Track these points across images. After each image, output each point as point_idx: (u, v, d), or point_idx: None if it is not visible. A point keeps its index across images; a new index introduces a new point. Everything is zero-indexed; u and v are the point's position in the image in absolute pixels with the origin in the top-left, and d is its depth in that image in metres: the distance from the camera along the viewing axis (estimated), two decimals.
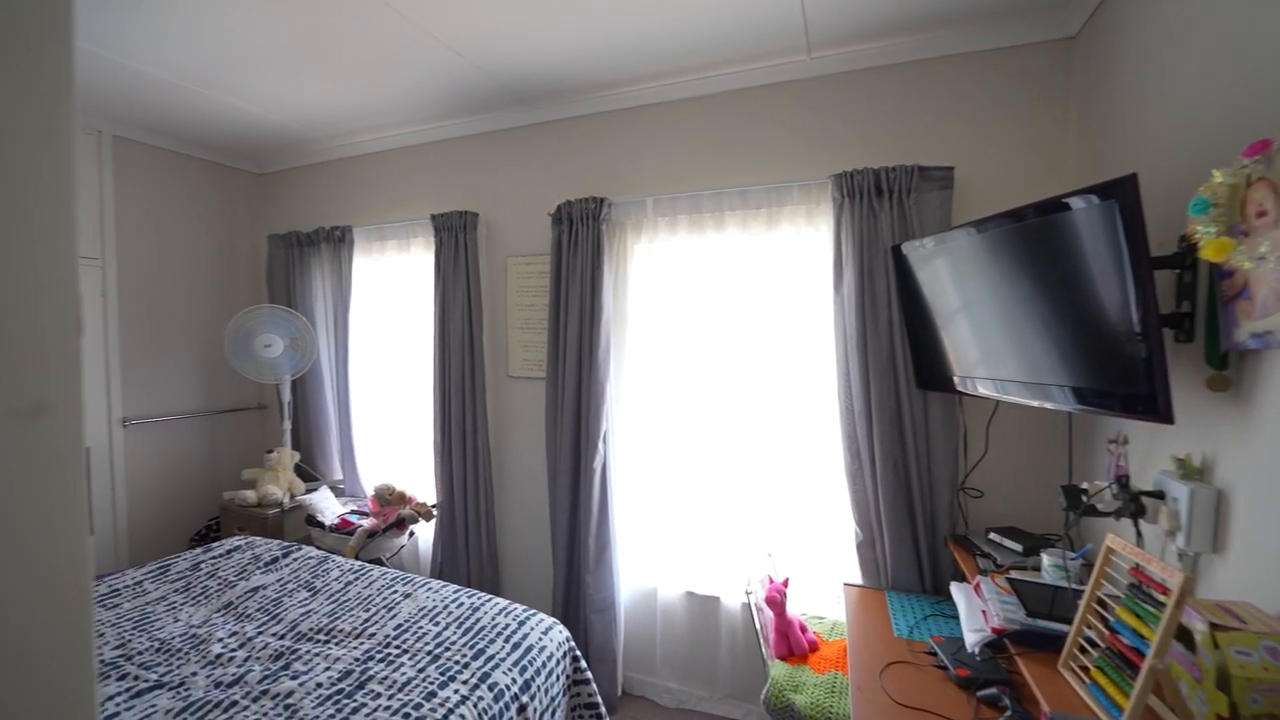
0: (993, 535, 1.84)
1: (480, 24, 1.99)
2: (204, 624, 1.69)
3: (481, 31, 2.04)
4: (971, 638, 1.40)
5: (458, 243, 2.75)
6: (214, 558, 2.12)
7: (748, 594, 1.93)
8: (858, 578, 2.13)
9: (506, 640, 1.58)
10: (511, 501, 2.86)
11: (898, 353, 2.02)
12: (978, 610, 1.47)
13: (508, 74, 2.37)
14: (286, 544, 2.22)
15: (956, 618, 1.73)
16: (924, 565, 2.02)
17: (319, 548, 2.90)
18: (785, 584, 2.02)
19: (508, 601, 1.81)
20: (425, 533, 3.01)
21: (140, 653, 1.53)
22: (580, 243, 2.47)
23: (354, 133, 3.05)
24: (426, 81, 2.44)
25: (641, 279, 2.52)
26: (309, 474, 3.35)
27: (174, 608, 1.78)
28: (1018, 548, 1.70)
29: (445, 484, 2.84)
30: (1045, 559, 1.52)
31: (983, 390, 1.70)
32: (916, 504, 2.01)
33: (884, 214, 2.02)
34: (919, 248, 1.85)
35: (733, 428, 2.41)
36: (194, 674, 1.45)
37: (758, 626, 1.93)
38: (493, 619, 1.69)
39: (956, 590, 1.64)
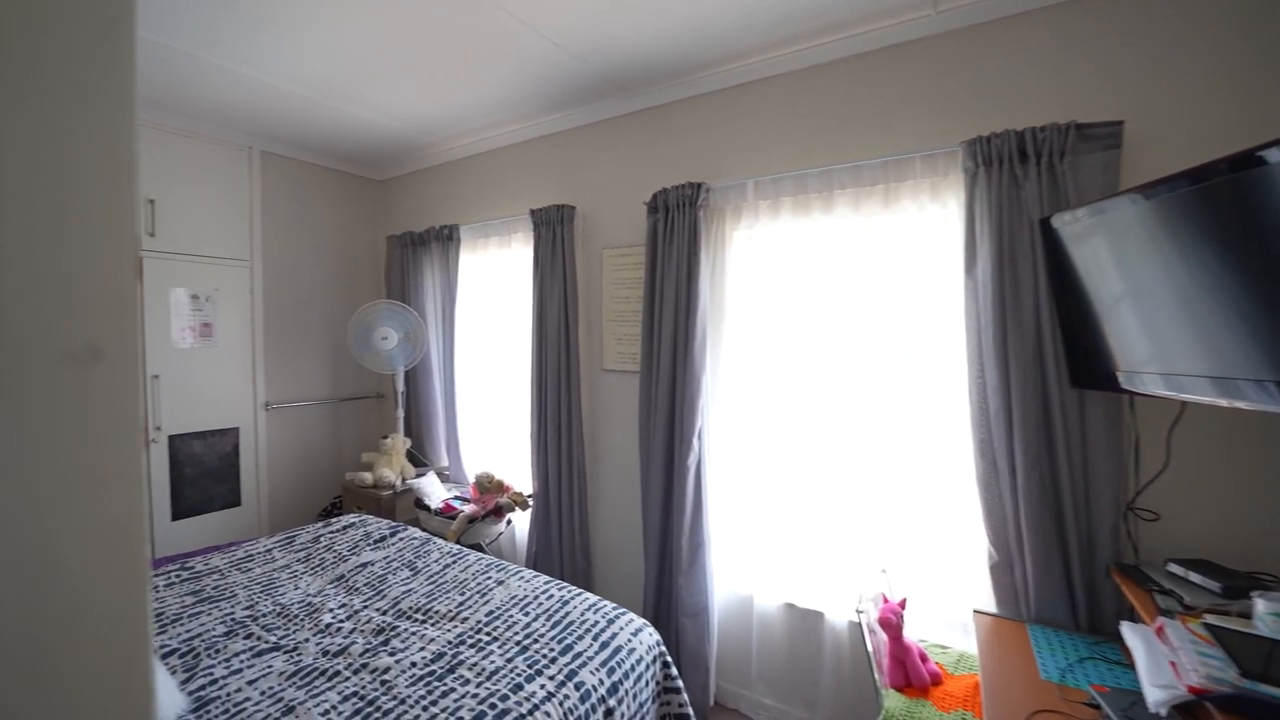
0: (1174, 568, 1.50)
1: (577, 10, 1.97)
2: (318, 594, 1.80)
3: (578, 17, 2.02)
4: (1156, 695, 1.12)
5: (555, 236, 2.77)
6: (331, 532, 2.28)
7: (859, 613, 1.73)
8: (991, 605, 1.84)
9: (595, 639, 1.53)
10: (604, 495, 2.83)
11: (1046, 345, 1.72)
12: (1163, 661, 1.18)
13: (604, 61, 2.33)
14: (394, 524, 2.34)
15: (1124, 664, 1.43)
16: (1077, 597, 1.70)
17: (424, 529, 3.05)
18: (902, 605, 1.79)
19: (597, 598, 1.76)
20: (522, 521, 3.07)
21: (264, 615, 1.65)
22: (676, 231, 2.38)
23: (460, 135, 3.18)
24: (526, 77, 2.47)
25: (740, 267, 2.38)
26: (419, 459, 3.55)
27: (295, 576, 1.92)
28: (1214, 586, 1.37)
29: (541, 475, 2.88)
30: (1260, 604, 1.19)
31: (1157, 389, 1.39)
32: (1069, 524, 1.70)
33: (1029, 183, 1.73)
34: (1074, 221, 1.56)
35: (842, 428, 2.20)
36: (306, 640, 1.53)
37: (869, 650, 1.72)
38: (581, 614, 1.64)
39: (1131, 632, 1.35)
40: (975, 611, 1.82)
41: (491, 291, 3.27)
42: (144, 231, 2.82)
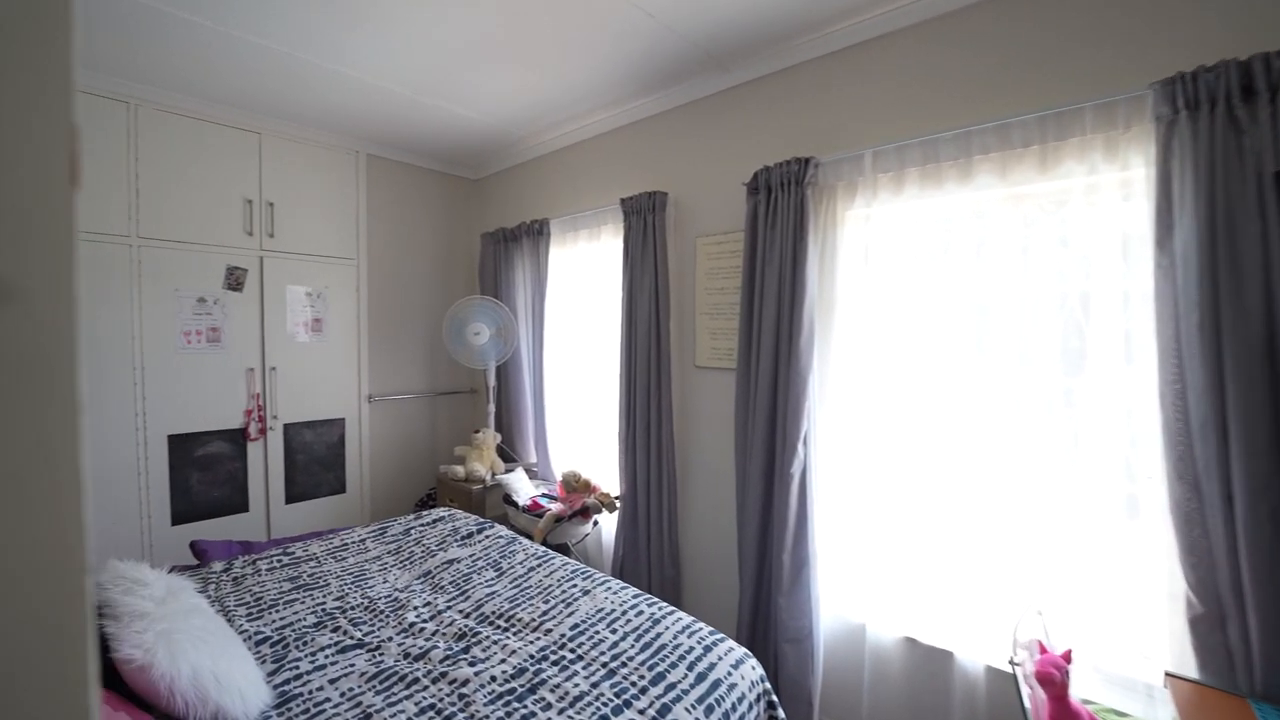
0: None
1: None
2: (405, 589, 1.76)
3: None
4: None
5: (646, 225, 2.63)
6: (422, 525, 2.27)
7: (1014, 664, 1.41)
8: (1190, 667, 1.45)
9: (690, 668, 1.34)
10: (695, 500, 2.64)
11: None
12: None
13: (700, 32, 2.15)
14: (481, 520, 2.29)
15: None
16: None
17: (512, 526, 3.03)
18: (1067, 658, 1.45)
19: (691, 619, 1.58)
20: (609, 523, 2.96)
21: (352, 608, 1.63)
22: (780, 213, 2.15)
23: (551, 127, 3.13)
24: (618, 56, 2.34)
25: (854, 251, 2.11)
26: (508, 455, 3.55)
27: (385, 568, 1.91)
28: None
29: (629, 476, 2.74)
30: None
31: None
32: None
33: (1258, 128, 1.34)
34: None
35: (981, 437, 1.86)
36: (389, 639, 1.47)
37: (1027, 708, 1.40)
38: (674, 637, 1.47)
39: None
40: (1169, 675, 1.43)
41: (580, 286, 3.19)
42: (264, 232, 3.01)
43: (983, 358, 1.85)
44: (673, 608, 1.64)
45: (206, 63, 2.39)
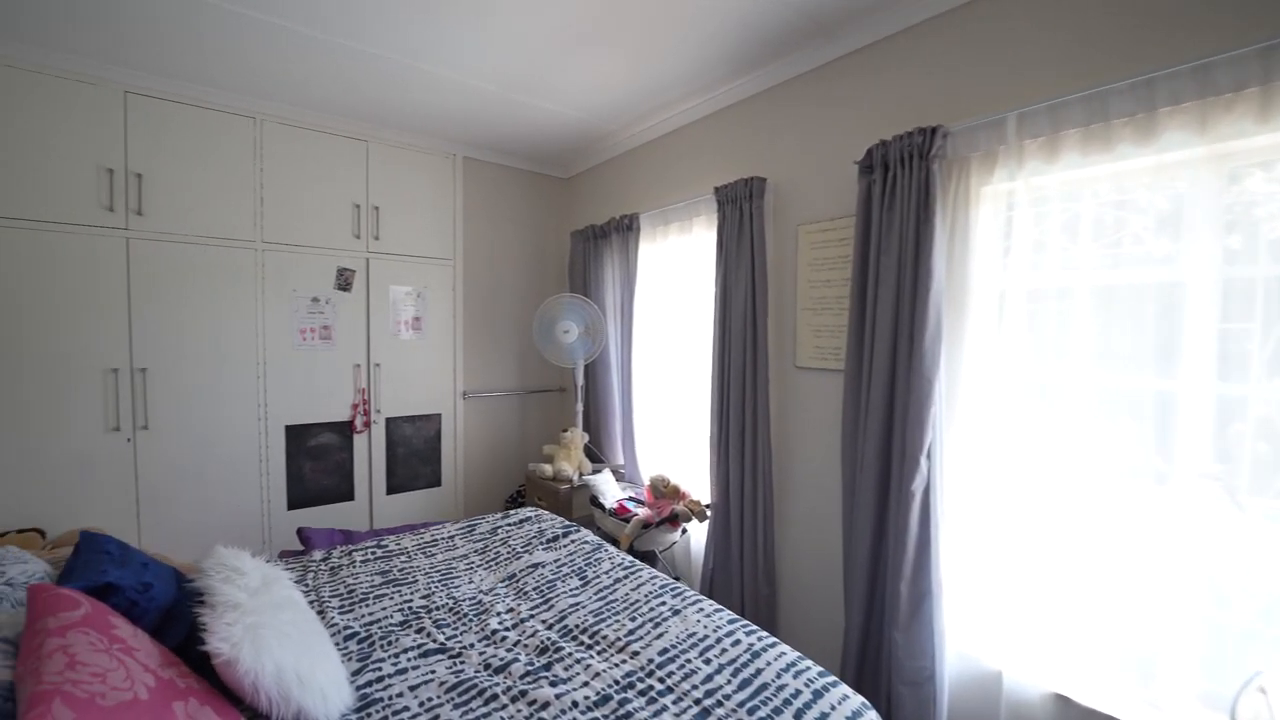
0: None
1: None
2: (490, 591, 1.71)
3: None
4: None
5: (741, 214, 2.44)
6: (509, 524, 2.23)
7: None
8: None
9: (797, 717, 1.15)
10: (795, 513, 2.41)
11: None
12: None
13: None
14: (568, 523, 2.21)
15: None
16: None
17: (599, 529, 2.95)
18: None
19: (796, 655, 1.37)
20: (699, 532, 2.79)
21: (438, 608, 1.59)
22: (900, 192, 1.88)
23: (642, 118, 3.02)
24: (712, 33, 2.17)
25: (993, 233, 1.79)
26: (596, 455, 3.49)
27: (471, 568, 1.87)
28: None
29: (721, 483, 2.56)
30: None
31: None
32: None
33: None
34: None
35: (1161, 459, 1.49)
36: (471, 645, 1.41)
37: None
38: (777, 675, 1.28)
39: None
40: None
41: (670, 281, 3.05)
42: (370, 235, 3.15)
43: (1167, 363, 1.49)
44: (774, 639, 1.44)
45: (319, 74, 2.52)
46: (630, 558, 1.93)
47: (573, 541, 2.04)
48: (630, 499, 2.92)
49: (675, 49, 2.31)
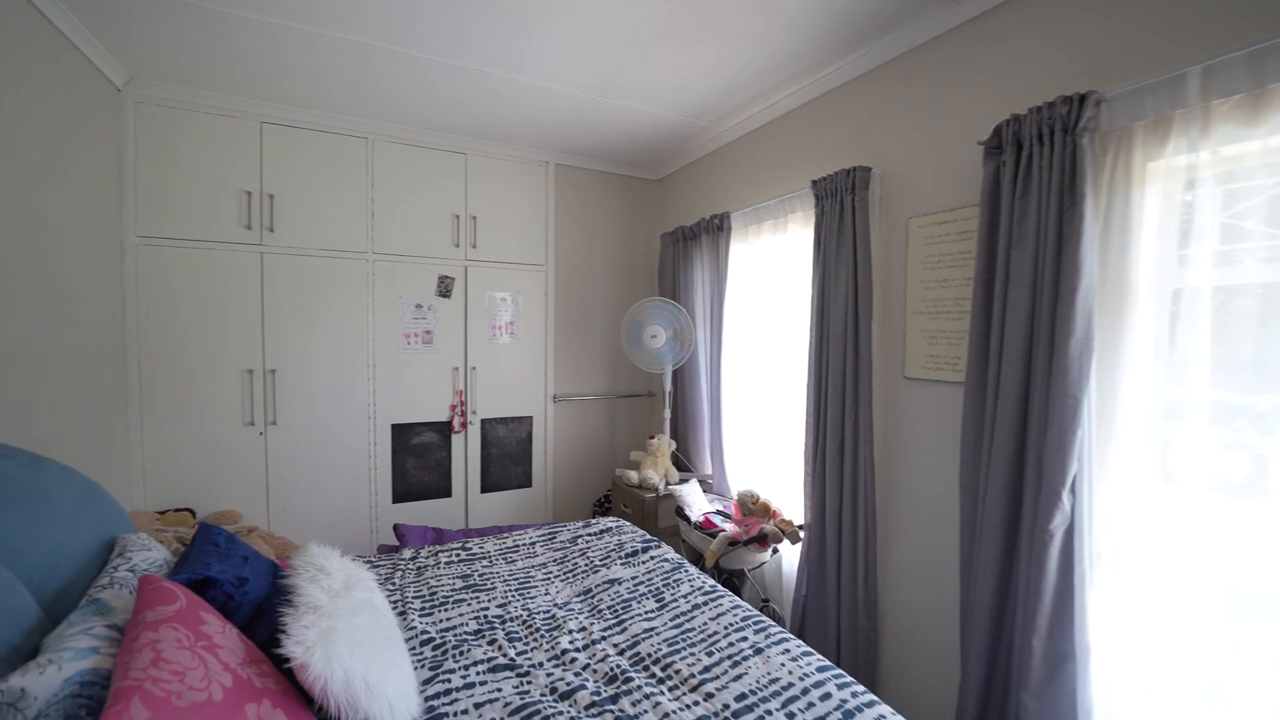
0: None
1: None
2: (564, 606, 1.66)
3: None
4: None
5: (843, 209, 2.21)
6: (590, 534, 2.19)
7: None
8: None
9: None
10: (902, 544, 2.14)
11: None
12: None
13: None
14: (648, 538, 2.13)
15: None
16: None
17: (684, 542, 2.84)
18: None
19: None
20: (793, 552, 2.59)
21: (512, 619, 1.57)
22: (1037, 175, 1.59)
23: (733, 112, 2.87)
24: (808, 14, 1.98)
25: (1165, 218, 1.45)
26: (683, 464, 3.38)
27: (549, 578, 1.84)
28: None
29: (816, 503, 2.35)
30: None
31: None
32: None
33: None
34: None
35: None
36: (540, 665, 1.37)
37: None
38: None
39: None
40: None
41: (763, 283, 2.86)
42: (469, 243, 3.28)
43: None
44: (872, 696, 1.25)
45: (422, 92, 2.64)
46: (711, 582, 1.81)
47: (652, 558, 1.95)
48: (717, 513, 2.78)
49: (766, 34, 2.14)
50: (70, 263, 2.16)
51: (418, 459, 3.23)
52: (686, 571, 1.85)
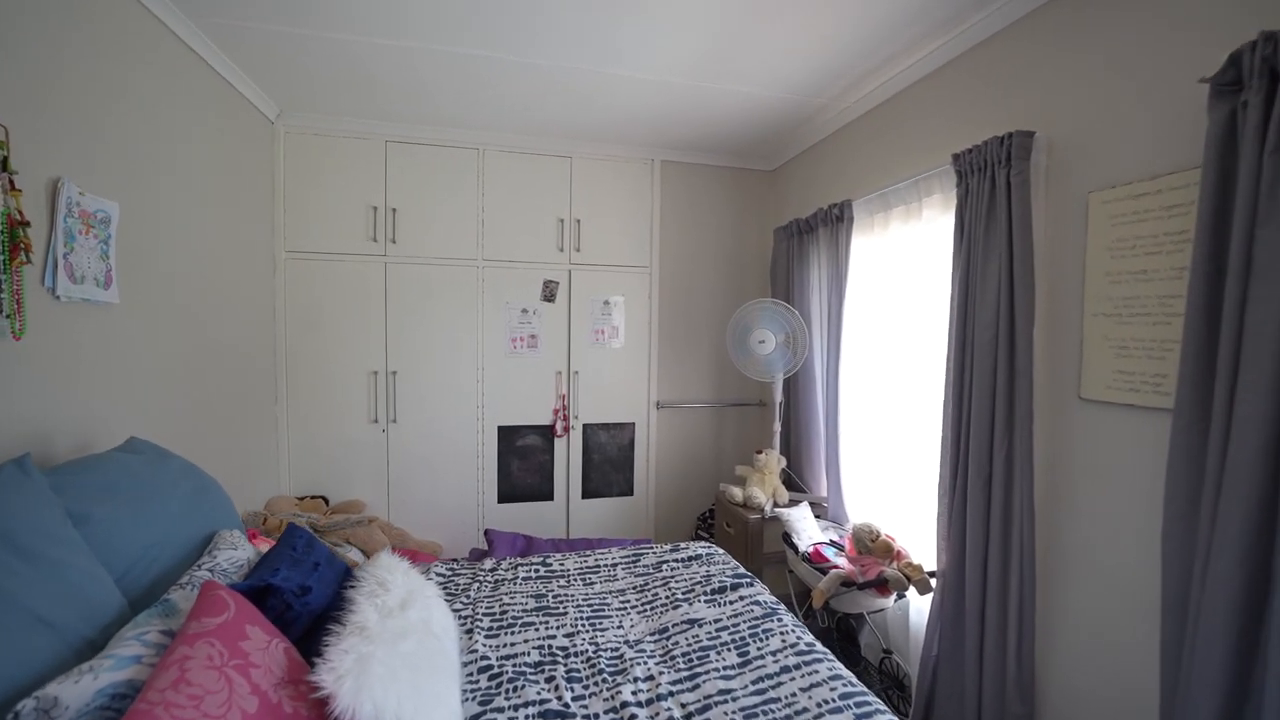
0: None
1: None
2: (635, 645, 1.50)
3: None
4: None
5: (994, 186, 1.79)
6: (677, 560, 2.00)
7: None
8: None
9: None
10: (1072, 614, 1.67)
11: None
12: None
13: None
14: (740, 573, 1.88)
15: None
16: None
17: (790, 572, 2.53)
18: None
19: None
20: (923, 599, 2.17)
21: (576, 654, 1.44)
22: None
23: (853, 86, 2.49)
24: None
25: None
26: (795, 484, 3.05)
27: (624, 608, 1.69)
28: None
29: (954, 547, 1.93)
30: None
31: None
32: None
33: None
34: None
35: None
36: (595, 716, 1.20)
37: None
38: None
39: None
40: None
41: (890, 281, 2.46)
42: (573, 247, 3.25)
43: None
44: None
45: (527, 98, 2.65)
46: (809, 639, 1.52)
47: (741, 598, 1.70)
48: (830, 544, 2.43)
49: None
50: (234, 276, 2.48)
51: (522, 461, 3.27)
52: (780, 621, 1.58)
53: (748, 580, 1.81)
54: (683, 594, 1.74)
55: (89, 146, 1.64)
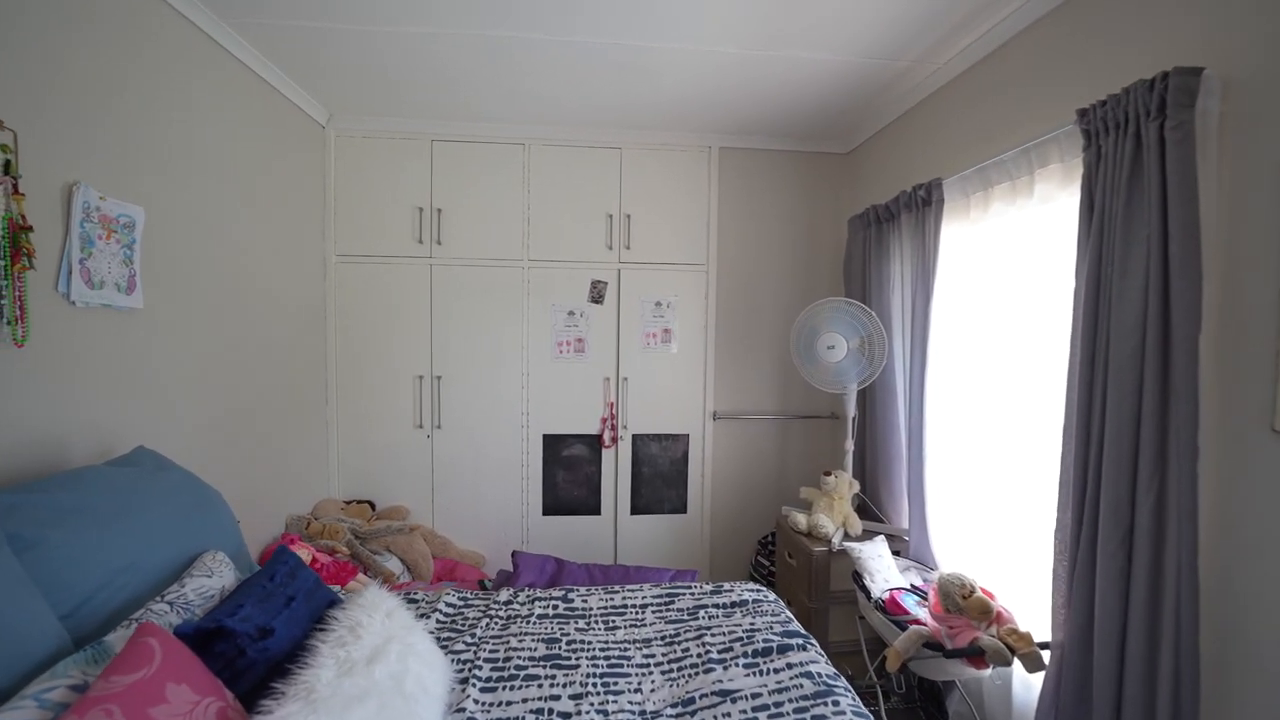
0: None
1: None
2: (652, 717, 1.22)
3: None
4: None
5: (1140, 146, 1.36)
6: (717, 606, 1.70)
7: None
8: None
9: None
10: (1248, 715, 1.21)
11: None
12: None
13: None
14: (790, 630, 1.56)
15: None
16: None
17: (861, 619, 2.15)
18: None
19: None
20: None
21: (586, 713, 1.19)
22: None
23: (944, 41, 2.08)
24: None
25: None
26: (871, 512, 2.65)
27: (646, 667, 1.42)
28: None
29: (1077, 619, 1.49)
30: None
31: None
32: None
33: None
34: None
35: None
36: None
37: None
38: None
39: None
40: None
41: (990, 275, 2.02)
42: (622, 245, 3.03)
43: None
44: None
45: (570, 83, 2.45)
46: None
47: (790, 667, 1.39)
48: (911, 589, 2.03)
49: None
50: (282, 280, 2.49)
51: (567, 472, 3.09)
52: (835, 704, 1.25)
53: (799, 642, 1.48)
54: (718, 653, 1.45)
55: (111, 152, 1.62)
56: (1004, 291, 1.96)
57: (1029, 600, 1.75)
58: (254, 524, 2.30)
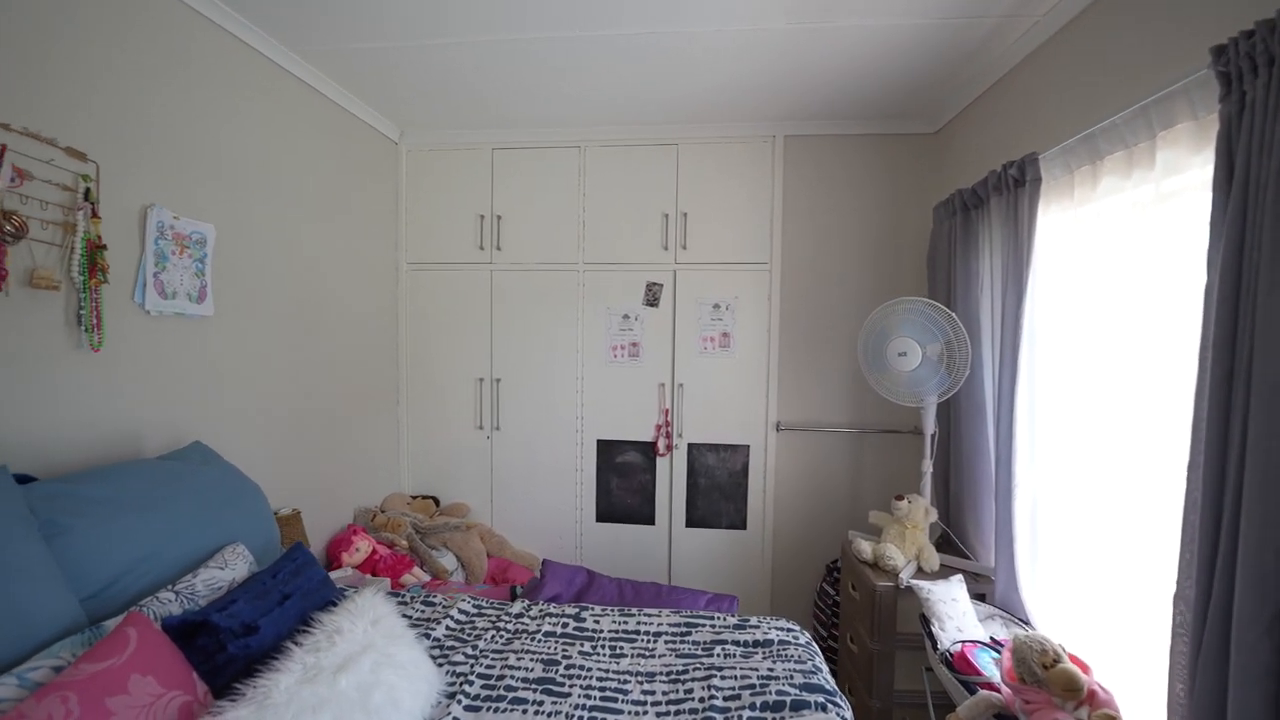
0: None
1: None
2: None
3: None
4: None
5: None
6: (736, 643, 1.53)
7: None
8: None
9: None
10: None
11: None
12: None
13: None
14: (816, 685, 1.34)
15: None
16: None
17: (926, 670, 1.85)
18: None
19: None
20: None
21: None
22: None
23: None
24: None
25: None
26: (952, 544, 2.30)
27: (643, 704, 1.30)
28: None
29: (1206, 698, 1.14)
30: None
31: None
32: None
33: None
34: None
35: None
36: None
37: None
38: None
39: None
40: None
41: (1098, 268, 1.65)
42: (678, 245, 2.90)
43: None
44: None
45: (617, 81, 2.39)
46: None
47: None
48: (990, 643, 1.71)
49: None
50: (354, 287, 2.69)
51: (621, 479, 3.02)
52: None
53: (819, 700, 1.27)
54: (723, 700, 1.29)
55: (185, 176, 1.80)
56: (1116, 290, 1.58)
57: (1139, 680, 1.38)
58: (324, 515, 2.48)
